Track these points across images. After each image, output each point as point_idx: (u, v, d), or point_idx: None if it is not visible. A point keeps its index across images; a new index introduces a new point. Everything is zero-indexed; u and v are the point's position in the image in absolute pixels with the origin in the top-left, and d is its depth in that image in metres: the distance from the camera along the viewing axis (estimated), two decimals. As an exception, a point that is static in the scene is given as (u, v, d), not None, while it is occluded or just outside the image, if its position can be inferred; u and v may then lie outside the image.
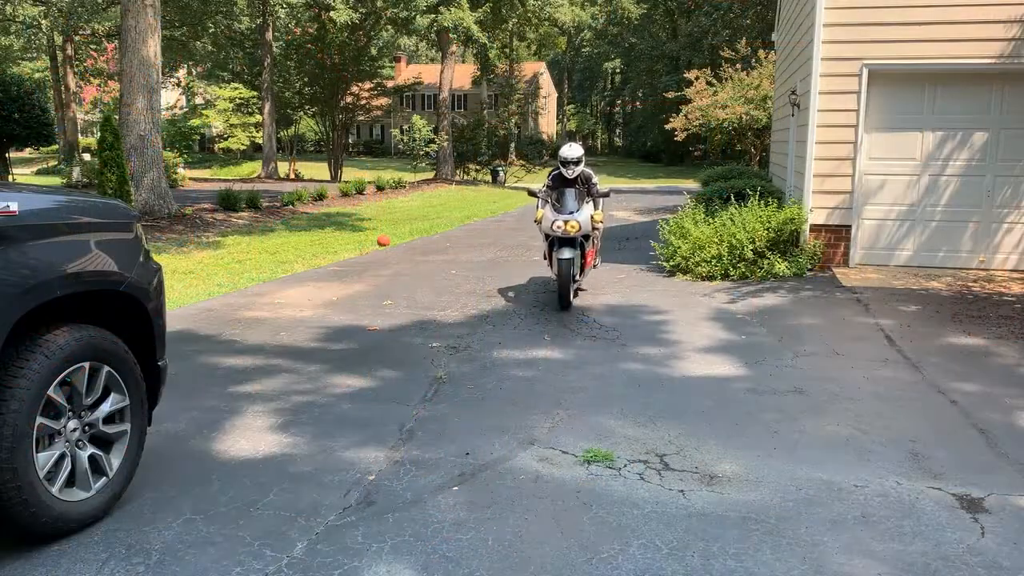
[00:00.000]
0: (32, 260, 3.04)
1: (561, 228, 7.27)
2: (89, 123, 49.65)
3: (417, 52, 66.68)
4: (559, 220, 7.29)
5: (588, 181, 7.67)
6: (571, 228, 7.26)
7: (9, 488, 2.92)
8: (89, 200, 3.57)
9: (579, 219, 7.29)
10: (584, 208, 7.47)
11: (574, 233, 7.27)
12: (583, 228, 7.32)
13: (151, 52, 14.03)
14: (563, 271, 7.18)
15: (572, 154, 7.61)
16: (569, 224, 7.26)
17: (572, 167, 7.57)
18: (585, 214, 7.41)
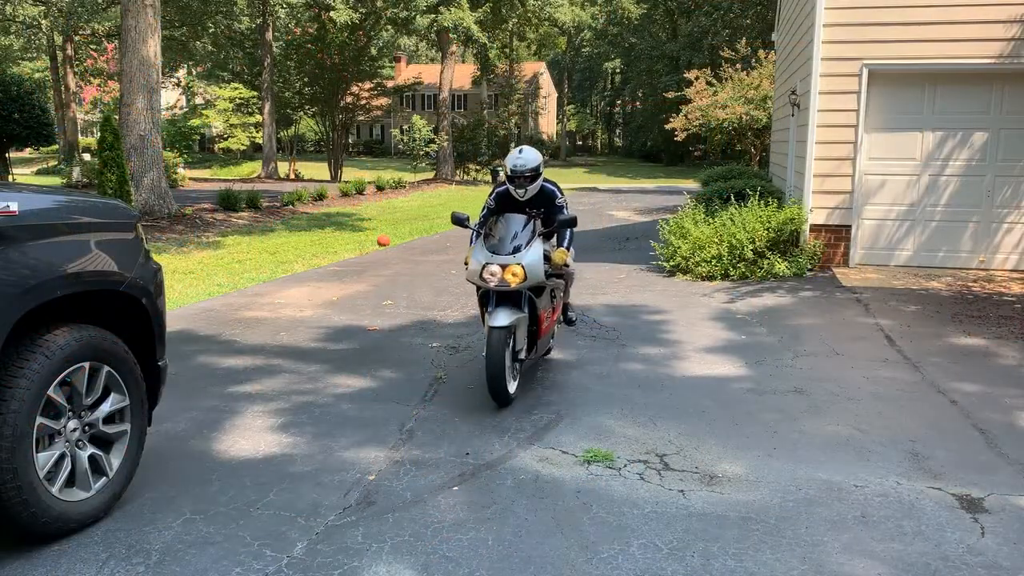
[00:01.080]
0: (32, 260, 3.04)
1: (496, 277, 4.77)
2: (89, 123, 49.66)
3: (417, 52, 66.68)
4: (493, 264, 4.80)
5: (549, 203, 5.30)
6: (511, 277, 4.74)
7: (9, 488, 2.92)
8: (89, 200, 3.57)
9: (525, 262, 4.77)
10: (535, 245, 4.89)
11: (516, 285, 4.75)
12: (530, 277, 4.78)
13: (151, 52, 14.03)
14: (494, 347, 4.60)
15: (524, 164, 5.18)
16: (509, 271, 4.74)
17: (524, 183, 5.19)
18: (535, 254, 4.84)
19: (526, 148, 5.36)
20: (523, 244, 4.86)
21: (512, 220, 5.03)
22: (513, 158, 5.25)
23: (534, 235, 4.94)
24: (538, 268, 4.81)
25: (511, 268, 4.76)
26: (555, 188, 5.39)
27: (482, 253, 4.90)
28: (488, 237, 4.98)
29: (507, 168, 5.21)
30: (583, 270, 9.82)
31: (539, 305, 5.05)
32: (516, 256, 4.80)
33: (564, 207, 5.31)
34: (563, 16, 33.76)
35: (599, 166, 50.28)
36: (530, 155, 5.27)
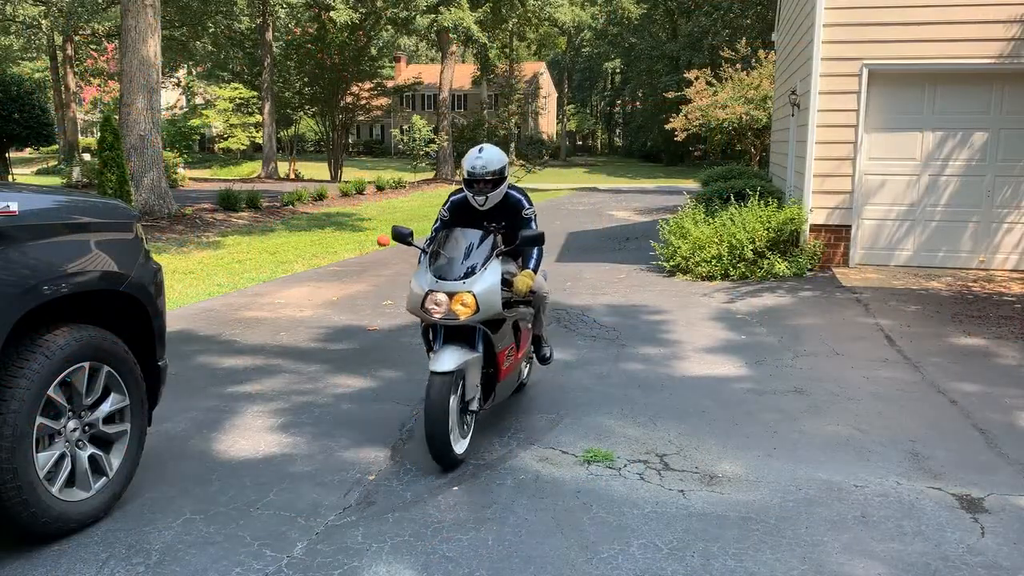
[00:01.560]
0: (32, 260, 3.04)
1: (441, 308, 3.91)
2: (89, 123, 49.66)
3: (417, 52, 66.68)
4: (438, 292, 3.93)
5: (514, 214, 4.47)
6: (460, 308, 3.88)
7: (9, 488, 2.92)
8: (89, 200, 3.57)
9: (477, 290, 3.89)
10: (491, 267, 4.00)
11: (466, 318, 3.88)
12: (484, 307, 3.90)
13: (151, 52, 14.03)
14: (434, 398, 3.73)
15: (484, 166, 4.31)
16: (457, 300, 3.88)
17: (485, 190, 4.35)
18: (490, 279, 3.95)
19: (488, 147, 4.42)
20: (477, 266, 3.95)
21: (464, 236, 4.09)
22: (471, 159, 4.33)
23: (491, 255, 4.01)
24: (494, 296, 3.90)
25: (460, 297, 3.86)
26: (522, 197, 4.52)
27: (425, 277, 3.99)
28: (435, 257, 4.05)
29: (464, 171, 4.35)
30: (583, 270, 9.82)
31: (497, 343, 4.07)
32: (467, 282, 3.89)
33: (532, 220, 4.48)
34: (563, 16, 33.77)
35: (599, 166, 50.28)
36: (492, 155, 4.35)
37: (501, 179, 4.39)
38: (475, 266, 3.98)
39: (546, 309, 4.97)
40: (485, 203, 4.40)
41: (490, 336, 4.06)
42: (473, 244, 4.08)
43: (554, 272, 9.73)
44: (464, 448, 4.03)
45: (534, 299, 4.65)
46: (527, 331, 4.69)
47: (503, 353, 4.20)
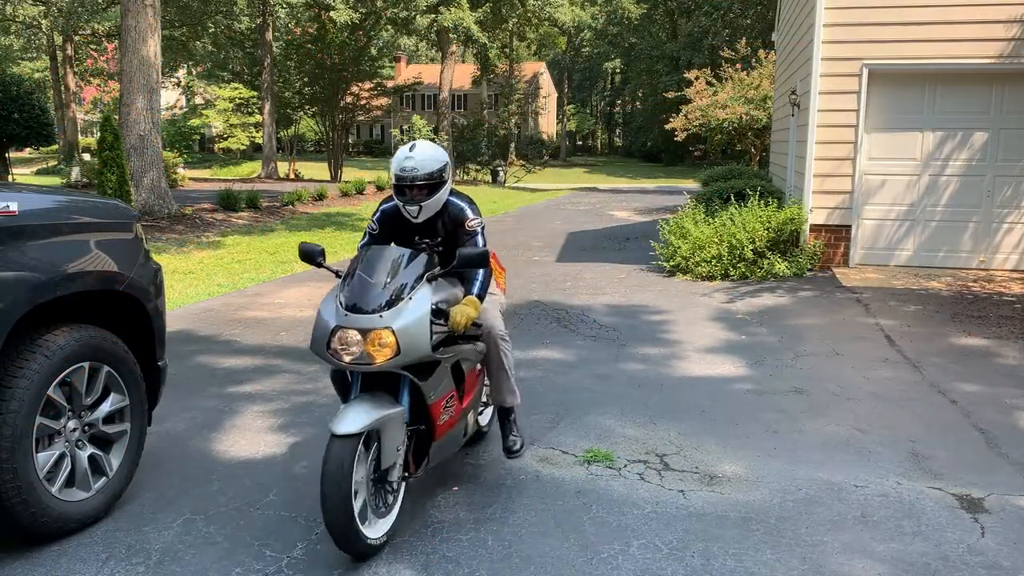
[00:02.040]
0: (32, 260, 3.04)
1: (352, 349, 3.06)
2: (89, 123, 49.66)
3: (417, 52, 66.67)
4: (349, 329, 3.07)
5: (455, 227, 3.65)
6: (375, 349, 3.05)
7: (9, 488, 2.92)
8: (89, 200, 3.58)
9: (397, 325, 3.06)
10: (419, 295, 3.18)
11: (383, 362, 3.05)
12: (406, 348, 3.07)
13: (151, 52, 14.03)
14: (330, 470, 2.90)
15: (415, 168, 3.47)
16: (373, 339, 3.05)
17: (418, 197, 3.51)
18: (416, 310, 3.13)
19: (421, 144, 3.55)
20: (400, 294, 3.11)
21: (386, 256, 3.26)
22: (399, 159, 3.47)
23: (420, 279, 3.20)
24: (419, 334, 3.06)
25: (376, 335, 3.00)
26: (465, 205, 3.63)
27: (333, 309, 3.12)
28: (348, 282, 3.19)
29: (391, 174, 3.51)
30: (583, 270, 9.82)
31: (428, 392, 3.23)
32: (385, 315, 3.03)
33: (477, 233, 3.59)
34: (563, 16, 33.76)
35: (599, 166, 50.27)
36: (426, 154, 3.49)
37: (439, 183, 3.50)
38: (398, 294, 3.11)
39: (507, 354, 3.75)
40: (419, 214, 3.52)
41: (419, 387, 3.19)
42: (399, 266, 3.22)
43: (554, 272, 9.74)
44: (384, 530, 3.13)
45: (483, 335, 3.64)
46: (476, 373, 3.82)
47: (438, 404, 3.31)
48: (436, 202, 3.55)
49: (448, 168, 3.59)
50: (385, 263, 3.25)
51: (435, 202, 3.55)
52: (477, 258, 3.32)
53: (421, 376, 3.22)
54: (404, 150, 3.53)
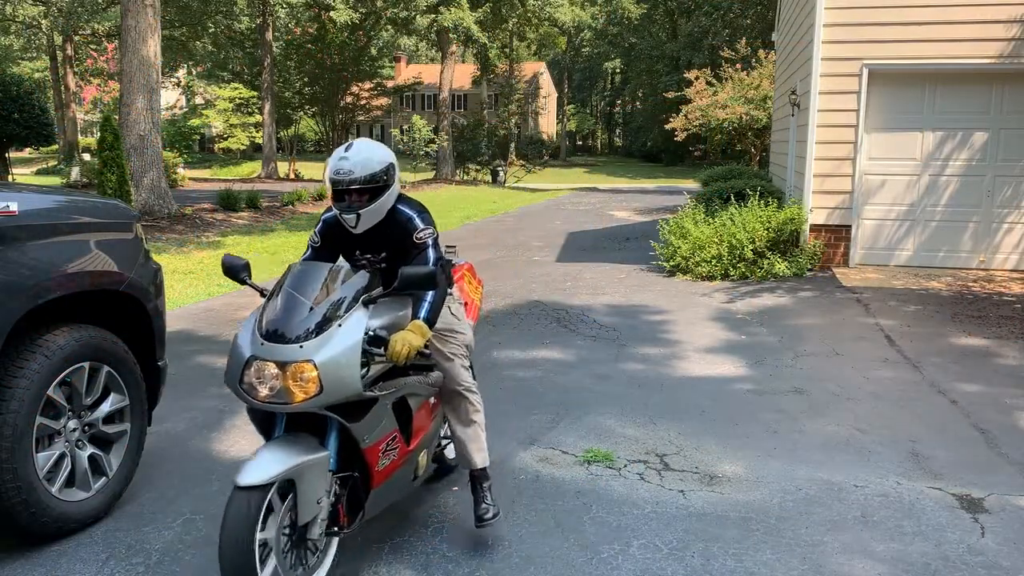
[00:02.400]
0: (32, 260, 3.04)
1: (268, 386, 2.61)
2: (89, 123, 49.65)
3: (417, 52, 66.66)
4: (266, 362, 2.61)
5: (402, 238, 3.11)
6: (295, 386, 2.58)
7: (9, 488, 2.93)
8: (89, 200, 3.58)
9: (319, 359, 2.59)
10: (349, 322, 2.69)
11: (303, 402, 2.58)
12: (330, 386, 2.59)
13: (151, 52, 14.03)
14: (227, 527, 2.47)
15: (351, 170, 2.97)
16: (292, 373, 2.58)
17: (356, 203, 3.02)
18: (344, 340, 2.65)
19: (361, 143, 3.06)
20: (328, 320, 2.65)
21: (314, 274, 2.82)
22: (334, 160, 3.00)
23: (355, 302, 2.73)
24: (346, 368, 2.59)
25: (296, 368, 2.55)
26: (414, 214, 3.10)
27: (248, 338, 2.67)
28: (270, 304, 2.74)
29: (329, 174, 3.00)
30: (583, 270, 9.82)
31: (362, 435, 2.74)
32: (307, 345, 2.57)
33: (427, 247, 3.06)
34: (563, 16, 33.75)
35: (599, 166, 50.28)
36: (364, 153, 2.99)
37: (381, 188, 3.00)
38: (326, 320, 2.64)
39: (475, 409, 3.28)
40: (357, 223, 3.02)
41: (353, 430, 2.71)
42: (330, 286, 2.78)
43: (554, 272, 9.74)
44: None
45: (437, 362, 3.22)
46: (429, 407, 3.27)
47: (375, 448, 2.81)
48: (378, 209, 3.03)
49: (393, 170, 3.06)
50: (314, 282, 2.77)
51: (377, 209, 3.02)
52: (422, 279, 2.75)
53: (351, 417, 2.70)
54: (340, 150, 3.03)
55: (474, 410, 3.30)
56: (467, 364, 3.34)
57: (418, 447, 3.18)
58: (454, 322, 3.33)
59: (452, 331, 3.30)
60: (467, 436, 3.29)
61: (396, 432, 2.96)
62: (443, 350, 3.25)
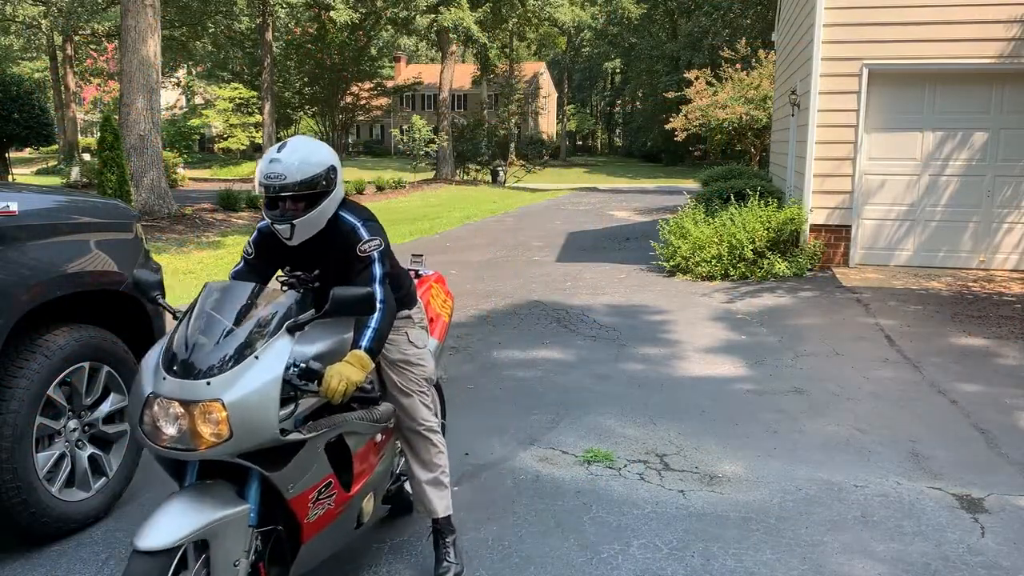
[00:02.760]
0: (32, 260, 3.04)
1: (175, 428, 2.18)
2: (89, 123, 49.66)
3: (417, 52, 66.66)
4: (171, 401, 2.18)
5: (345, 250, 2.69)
6: (204, 429, 2.16)
7: (9, 488, 2.93)
8: (89, 200, 3.58)
9: (228, 398, 2.15)
10: (268, 355, 2.25)
11: (211, 448, 2.16)
12: (241, 430, 2.16)
13: (151, 52, 14.03)
14: None
15: (282, 173, 2.55)
16: (200, 415, 2.16)
17: (288, 211, 2.61)
18: (256, 379, 2.20)
19: (296, 141, 2.64)
20: (243, 351, 2.24)
21: (232, 294, 2.42)
22: (265, 161, 2.58)
23: (278, 329, 2.32)
24: (259, 409, 2.19)
25: (203, 409, 2.16)
26: (359, 223, 2.70)
27: (152, 371, 2.27)
28: (179, 329, 2.33)
29: (260, 177, 2.58)
30: (583, 270, 9.82)
31: (284, 485, 2.33)
32: (215, 381, 2.17)
33: (374, 262, 2.65)
34: (563, 16, 33.77)
35: (599, 166, 50.28)
36: (299, 153, 2.59)
37: (320, 193, 2.61)
38: (241, 351, 2.24)
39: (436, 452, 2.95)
40: (292, 234, 2.62)
41: (272, 480, 2.29)
42: (249, 309, 2.37)
43: (554, 272, 9.74)
44: None
45: (395, 401, 2.88)
46: (373, 447, 2.83)
47: (304, 498, 2.41)
48: (317, 219, 2.63)
49: (335, 173, 2.66)
50: (231, 305, 2.36)
51: (315, 219, 2.62)
52: (356, 301, 2.36)
53: (272, 464, 2.28)
54: (272, 150, 2.62)
55: (437, 452, 2.95)
56: (428, 400, 2.94)
57: (361, 492, 2.73)
58: (413, 353, 2.91)
59: (409, 363, 2.88)
60: (428, 482, 2.92)
61: (331, 478, 2.52)
62: (399, 384, 2.87)
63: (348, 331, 2.64)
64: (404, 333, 2.91)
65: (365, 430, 2.71)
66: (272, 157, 2.58)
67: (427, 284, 3.49)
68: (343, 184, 2.74)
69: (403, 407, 2.88)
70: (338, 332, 2.62)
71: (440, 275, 3.70)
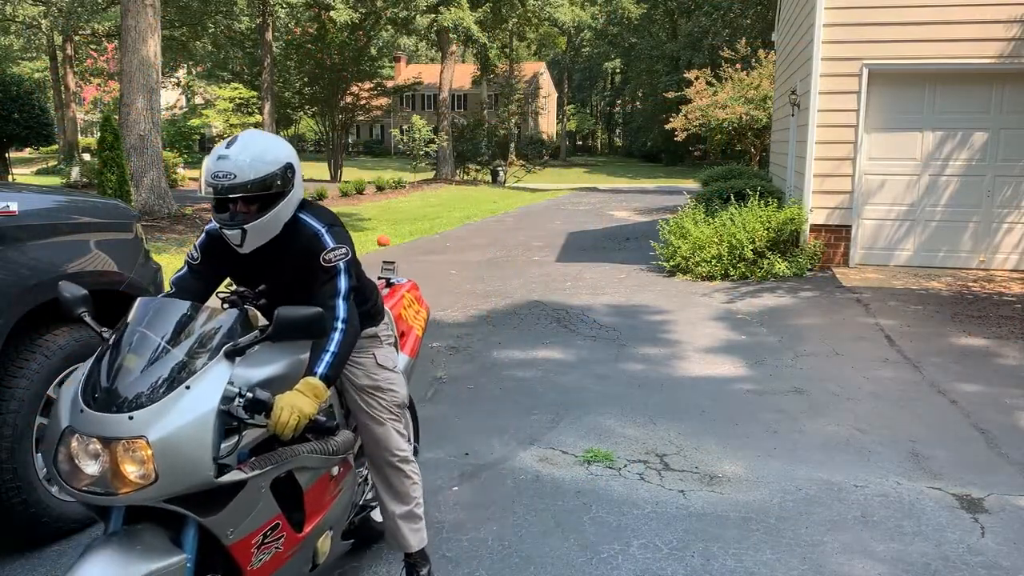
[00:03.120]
0: (32, 260, 3.04)
1: (95, 468, 1.91)
2: (89, 123, 49.65)
3: (417, 52, 66.66)
4: (89, 438, 1.91)
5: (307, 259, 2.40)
6: (127, 471, 1.89)
7: (9, 488, 2.93)
8: (89, 200, 3.58)
9: (153, 435, 1.89)
10: (202, 383, 1.99)
11: (136, 492, 1.90)
12: (168, 477, 1.89)
13: (151, 52, 14.03)
14: None
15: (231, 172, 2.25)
16: (117, 453, 1.89)
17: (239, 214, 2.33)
18: (193, 410, 1.95)
19: (247, 136, 2.35)
20: (173, 380, 1.99)
21: (163, 315, 2.18)
22: (212, 158, 2.29)
23: (215, 354, 2.07)
24: (190, 447, 1.93)
25: (125, 446, 1.89)
26: (322, 228, 2.44)
27: (69, 402, 2.01)
28: (103, 354, 2.09)
29: (206, 176, 2.29)
30: (583, 270, 9.82)
31: (223, 531, 2.05)
32: (139, 415, 1.91)
33: (339, 272, 2.41)
34: (563, 16, 33.75)
35: (599, 166, 50.28)
36: (251, 150, 2.30)
37: (276, 195, 2.33)
38: (172, 379, 1.99)
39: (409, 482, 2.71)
40: (243, 242, 2.35)
41: (204, 525, 2.02)
42: (183, 330, 2.13)
43: (555, 272, 9.73)
44: None
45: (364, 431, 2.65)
46: (328, 482, 2.51)
47: (246, 543, 2.12)
48: (271, 223, 2.34)
49: (292, 172, 2.37)
50: (165, 324, 2.11)
51: (269, 223, 2.34)
52: (304, 324, 2.10)
53: (206, 508, 2.00)
54: (220, 146, 2.32)
55: (411, 484, 2.69)
56: (401, 426, 2.68)
57: (314, 532, 2.43)
58: (383, 377, 2.64)
59: (379, 389, 2.62)
60: (402, 516, 2.68)
61: (279, 519, 2.23)
62: (369, 412, 2.60)
63: (304, 352, 2.33)
64: (371, 355, 2.65)
65: (319, 464, 2.38)
66: (220, 153, 2.28)
67: (399, 294, 3.24)
68: (303, 185, 2.45)
69: (373, 436, 2.62)
70: (293, 353, 2.31)
71: (414, 283, 3.45)
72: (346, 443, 2.47)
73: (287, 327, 2.09)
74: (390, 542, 2.78)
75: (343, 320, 2.32)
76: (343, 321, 2.32)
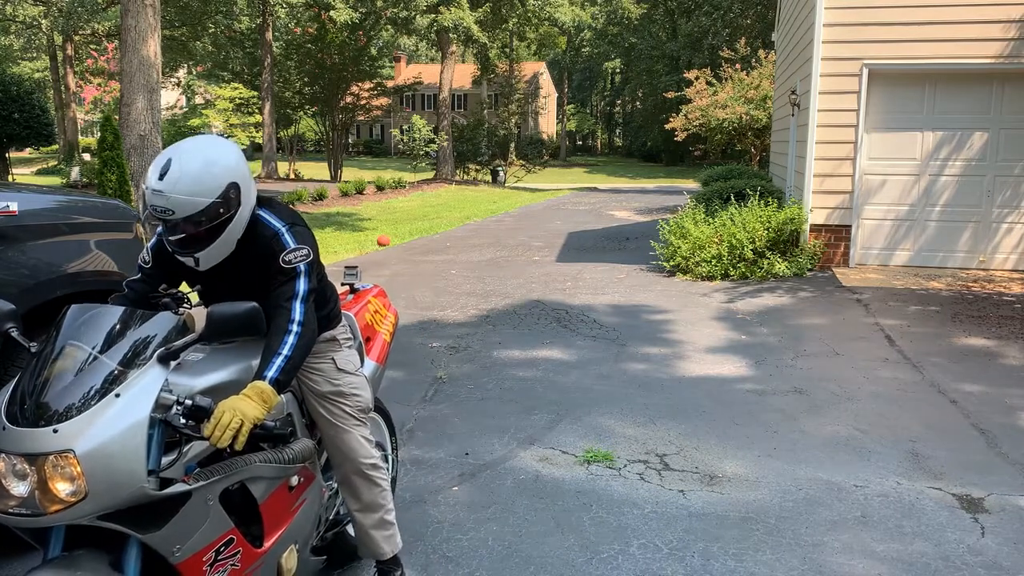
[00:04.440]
0: (32, 260, 3.04)
1: (20, 489, 1.76)
2: (89, 123, 49.66)
3: (417, 52, 66.67)
4: (6, 454, 1.77)
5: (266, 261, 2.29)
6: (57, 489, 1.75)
7: None
8: (89, 200, 3.58)
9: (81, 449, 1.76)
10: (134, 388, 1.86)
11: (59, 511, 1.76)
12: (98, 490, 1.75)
13: (151, 52, 14.03)
14: None
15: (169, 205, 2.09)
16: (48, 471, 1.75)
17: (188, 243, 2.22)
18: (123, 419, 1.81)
19: (180, 159, 2.12)
20: (102, 389, 1.85)
21: (95, 322, 1.99)
22: (148, 187, 2.14)
23: (147, 360, 1.93)
24: (122, 458, 1.80)
25: (52, 462, 1.76)
26: (282, 227, 2.33)
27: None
28: (29, 370, 1.92)
29: (146, 192, 2.16)
30: (583, 270, 9.82)
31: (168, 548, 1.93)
32: (63, 428, 1.78)
33: (299, 275, 2.28)
34: (563, 16, 33.75)
35: (599, 166, 50.29)
36: (187, 180, 2.10)
37: (223, 222, 2.20)
38: (100, 388, 1.85)
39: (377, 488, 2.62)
40: (199, 265, 2.26)
41: (145, 544, 1.90)
42: (118, 336, 1.96)
43: (555, 272, 9.73)
44: None
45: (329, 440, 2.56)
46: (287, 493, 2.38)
47: (197, 561, 2.00)
48: (223, 245, 2.24)
49: (237, 190, 2.19)
50: (96, 332, 1.95)
51: (221, 246, 2.24)
52: (239, 321, 2.00)
53: (146, 524, 1.87)
54: (153, 172, 2.12)
55: (380, 491, 2.59)
56: (367, 432, 2.59)
57: (276, 547, 2.30)
58: (345, 381, 2.53)
59: (341, 395, 2.51)
60: (372, 523, 2.60)
61: (233, 533, 2.10)
62: (331, 419, 2.50)
63: (256, 357, 2.22)
64: (330, 359, 2.53)
65: (273, 473, 2.25)
66: (154, 187, 2.09)
67: (364, 300, 3.14)
68: (254, 190, 2.29)
69: (338, 445, 2.52)
70: (243, 359, 2.21)
71: (381, 289, 3.36)
72: (304, 451, 2.38)
73: (220, 325, 1.98)
74: (362, 551, 2.71)
75: (298, 323, 2.20)
76: (298, 324, 2.20)
